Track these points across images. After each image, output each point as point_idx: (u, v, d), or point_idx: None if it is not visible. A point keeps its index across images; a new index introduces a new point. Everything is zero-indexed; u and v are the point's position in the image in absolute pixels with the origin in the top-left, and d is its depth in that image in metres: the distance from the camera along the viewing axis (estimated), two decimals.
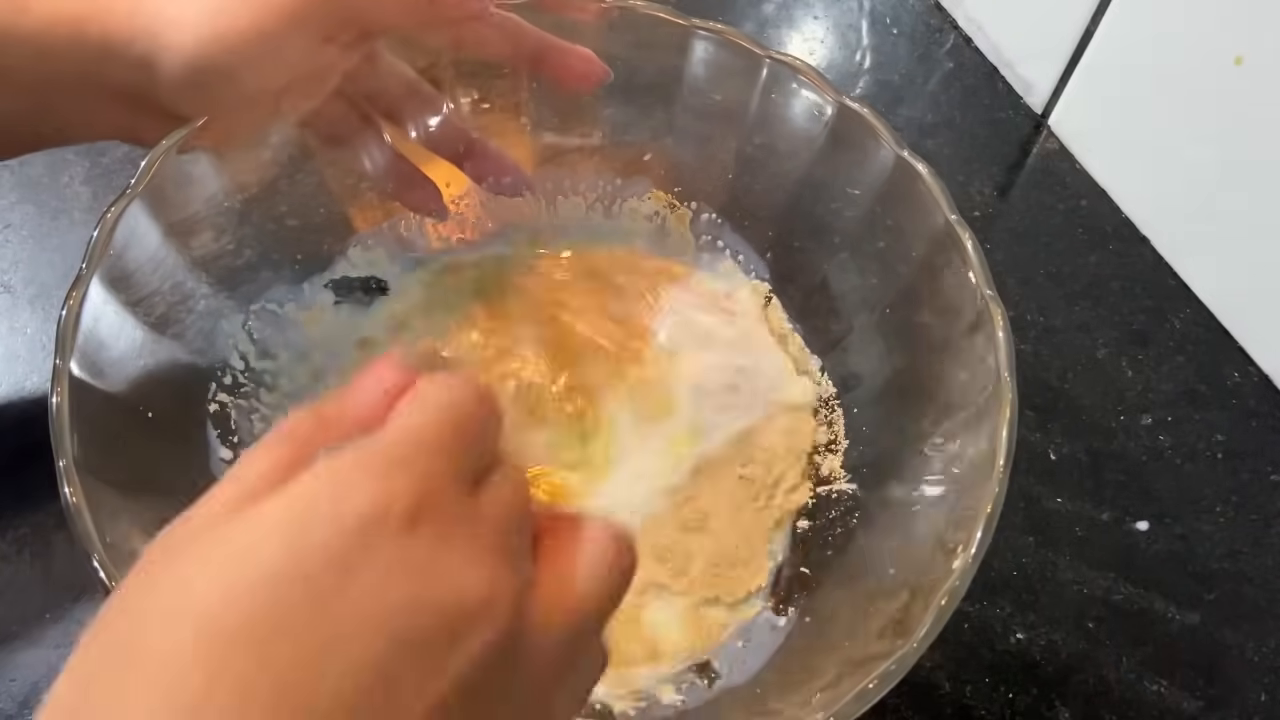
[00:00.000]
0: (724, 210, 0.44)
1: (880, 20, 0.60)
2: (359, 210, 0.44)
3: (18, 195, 0.49)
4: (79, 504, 0.29)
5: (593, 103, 0.42)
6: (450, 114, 0.42)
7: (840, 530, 0.39)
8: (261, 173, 0.39)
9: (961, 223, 0.36)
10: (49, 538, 0.40)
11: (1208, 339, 0.49)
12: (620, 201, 0.46)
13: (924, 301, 0.38)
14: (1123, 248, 0.52)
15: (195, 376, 0.38)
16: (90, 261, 0.33)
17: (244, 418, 0.39)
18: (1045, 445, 0.45)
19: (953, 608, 0.29)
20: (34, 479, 0.39)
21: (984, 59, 0.58)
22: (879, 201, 0.39)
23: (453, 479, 0.21)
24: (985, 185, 0.53)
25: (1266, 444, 0.46)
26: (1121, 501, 0.44)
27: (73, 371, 0.31)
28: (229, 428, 0.38)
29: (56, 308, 0.32)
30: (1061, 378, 0.47)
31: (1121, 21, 0.49)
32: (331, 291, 0.42)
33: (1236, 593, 0.42)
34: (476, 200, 0.45)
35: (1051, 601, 0.41)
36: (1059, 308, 0.49)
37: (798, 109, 0.40)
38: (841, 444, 0.41)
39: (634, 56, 0.41)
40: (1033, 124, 0.56)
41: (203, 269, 0.38)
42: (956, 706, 0.39)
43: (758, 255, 0.44)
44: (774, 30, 0.59)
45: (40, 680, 0.38)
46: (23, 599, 0.39)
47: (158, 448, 0.35)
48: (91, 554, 0.28)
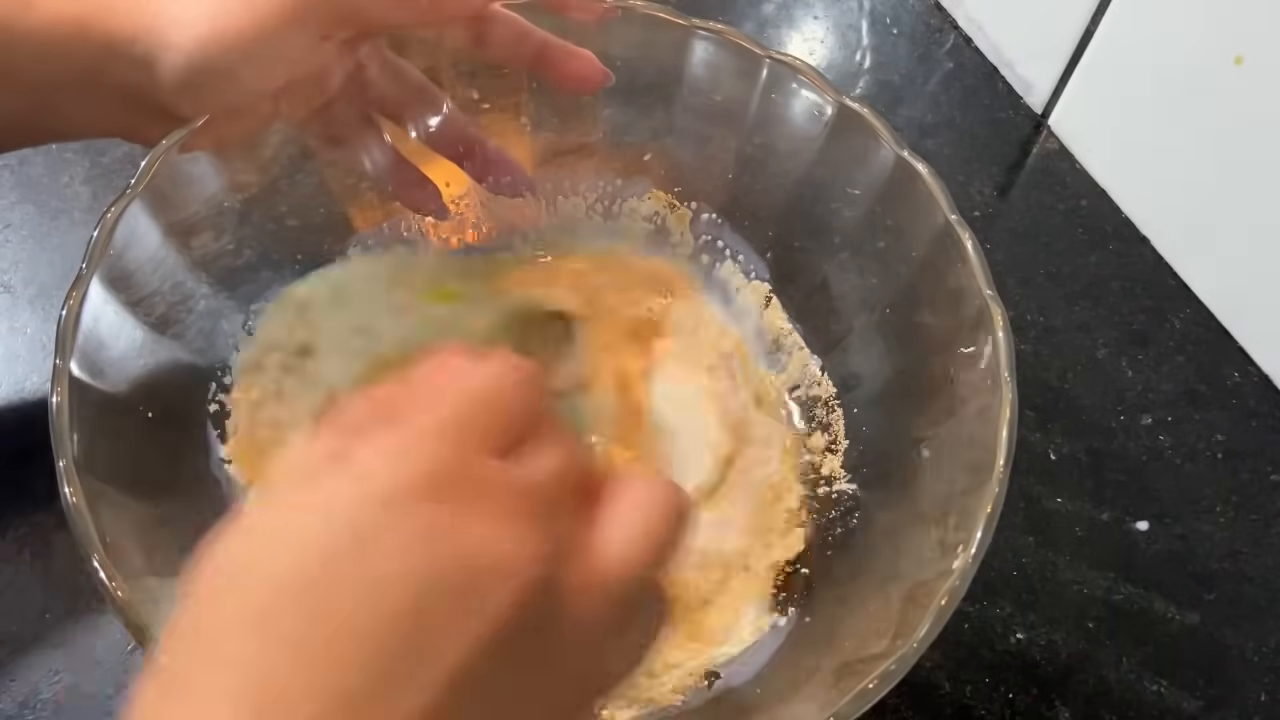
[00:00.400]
0: (724, 210, 0.44)
1: (880, 20, 0.60)
2: (359, 210, 0.44)
3: (18, 195, 0.49)
4: (79, 504, 0.29)
5: (593, 103, 0.42)
6: (451, 113, 0.42)
7: (840, 530, 0.39)
8: (261, 173, 0.39)
9: (961, 222, 0.36)
10: (49, 538, 0.40)
11: (1208, 339, 0.49)
12: (620, 201, 0.46)
13: (924, 301, 0.38)
14: (1123, 248, 0.52)
15: (195, 376, 0.38)
16: (90, 261, 0.33)
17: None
18: (1045, 445, 0.45)
19: (953, 607, 0.29)
20: (34, 479, 0.39)
21: (984, 59, 0.58)
22: (879, 201, 0.39)
23: (477, 450, 0.22)
24: (985, 185, 0.53)
25: (1266, 444, 0.46)
26: (1121, 501, 0.44)
27: (73, 371, 0.31)
28: (229, 428, 0.38)
29: (56, 308, 0.32)
30: (1061, 378, 0.47)
31: (1121, 21, 0.49)
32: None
33: (1236, 593, 0.42)
34: (476, 200, 0.45)
35: (1051, 601, 0.41)
36: (1059, 308, 0.49)
37: (798, 109, 0.40)
38: (841, 444, 0.41)
39: (634, 57, 0.41)
40: (1033, 124, 0.56)
41: (203, 269, 0.38)
42: (956, 706, 0.39)
43: (758, 255, 0.44)
44: (774, 30, 0.59)
45: (40, 680, 0.38)
46: (23, 599, 0.39)
47: (158, 448, 0.35)
48: (91, 554, 0.28)
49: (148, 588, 0.29)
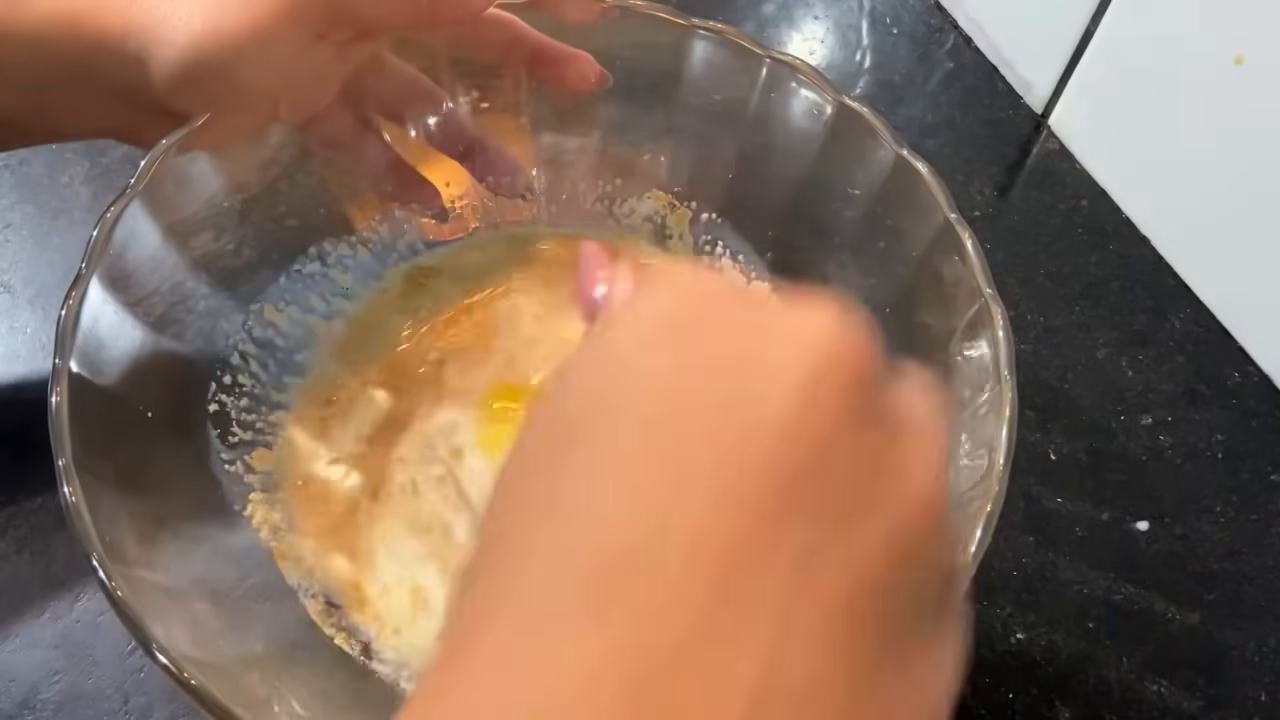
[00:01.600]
0: (724, 210, 0.44)
1: (880, 20, 0.60)
2: (359, 210, 0.44)
3: (18, 195, 0.49)
4: (78, 503, 0.29)
5: (592, 102, 0.42)
6: (451, 111, 0.42)
7: None
8: (261, 173, 0.39)
9: (961, 221, 0.36)
10: (48, 537, 0.40)
11: (1208, 339, 0.49)
12: (620, 201, 0.46)
13: (924, 300, 0.38)
14: (1123, 248, 0.52)
15: (195, 376, 0.38)
16: (90, 261, 0.33)
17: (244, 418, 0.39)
18: (1045, 445, 0.45)
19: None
20: (33, 478, 0.39)
21: (984, 59, 0.58)
22: (879, 201, 0.39)
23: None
24: (985, 185, 0.53)
25: (1266, 444, 0.46)
26: (1121, 501, 0.44)
27: (72, 371, 0.31)
28: (229, 428, 0.38)
29: (56, 307, 0.32)
30: (1061, 378, 0.47)
31: (1121, 22, 0.49)
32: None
33: (1236, 593, 0.42)
34: (476, 200, 0.45)
35: (1051, 602, 0.41)
36: (1059, 308, 0.49)
37: (797, 108, 0.40)
38: None
39: (634, 56, 0.41)
40: (1033, 124, 0.56)
41: (203, 269, 0.38)
42: (957, 706, 0.39)
43: (758, 255, 0.44)
44: (774, 30, 0.59)
45: (40, 680, 0.38)
46: (23, 599, 0.39)
47: (158, 447, 0.35)
48: (91, 553, 0.28)
49: (147, 587, 0.29)
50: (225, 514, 0.36)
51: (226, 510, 0.36)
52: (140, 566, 0.30)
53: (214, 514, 0.36)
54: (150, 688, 0.38)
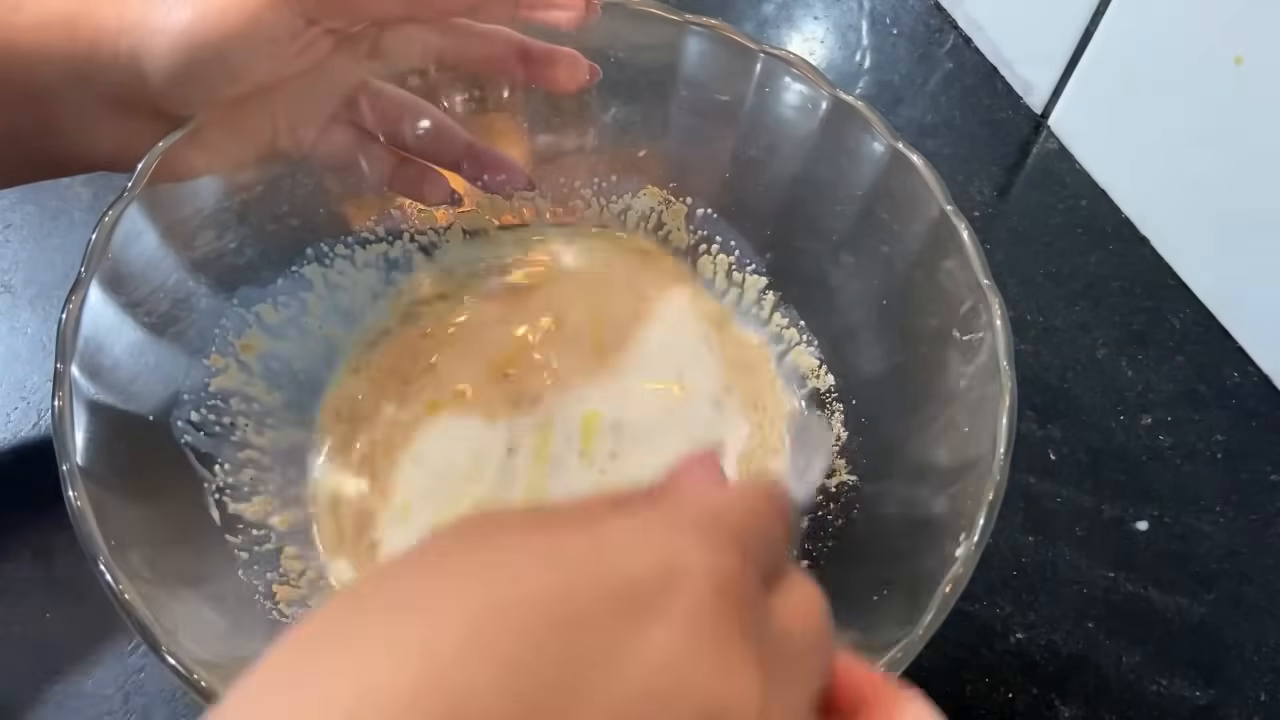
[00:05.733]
0: (720, 205, 0.44)
1: (880, 20, 0.60)
2: (359, 210, 0.44)
3: (18, 195, 0.49)
4: (83, 507, 0.29)
5: (588, 100, 0.42)
6: (441, 123, 0.42)
7: (842, 521, 0.39)
8: (261, 173, 0.39)
9: (957, 212, 0.36)
10: (49, 539, 0.40)
11: (1208, 339, 0.49)
12: (616, 197, 0.46)
13: (922, 292, 0.38)
14: (1123, 248, 0.52)
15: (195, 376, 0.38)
16: (89, 264, 0.33)
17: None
18: (1045, 445, 0.45)
19: (956, 595, 0.29)
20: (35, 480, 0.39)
21: (984, 59, 0.58)
22: (875, 194, 0.39)
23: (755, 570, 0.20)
24: (985, 185, 0.53)
25: (1266, 444, 0.46)
26: (1121, 501, 0.44)
27: (74, 374, 0.31)
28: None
29: (56, 308, 0.32)
30: (1061, 377, 0.47)
31: (1121, 22, 0.49)
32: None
33: (1236, 592, 0.42)
34: (475, 201, 0.45)
35: (1051, 601, 0.41)
36: (1059, 308, 0.49)
37: (792, 103, 0.40)
38: (842, 436, 0.41)
39: (628, 53, 0.41)
40: (1032, 124, 0.56)
41: (203, 269, 0.38)
42: (956, 706, 0.39)
43: (754, 250, 0.44)
44: (774, 30, 0.59)
45: (41, 680, 0.38)
46: (24, 599, 0.39)
47: (159, 449, 0.35)
48: (96, 557, 0.28)
49: (152, 589, 0.29)
50: (225, 515, 0.36)
51: (227, 513, 0.36)
52: (145, 568, 0.30)
53: (215, 517, 0.36)
54: (150, 688, 0.38)
